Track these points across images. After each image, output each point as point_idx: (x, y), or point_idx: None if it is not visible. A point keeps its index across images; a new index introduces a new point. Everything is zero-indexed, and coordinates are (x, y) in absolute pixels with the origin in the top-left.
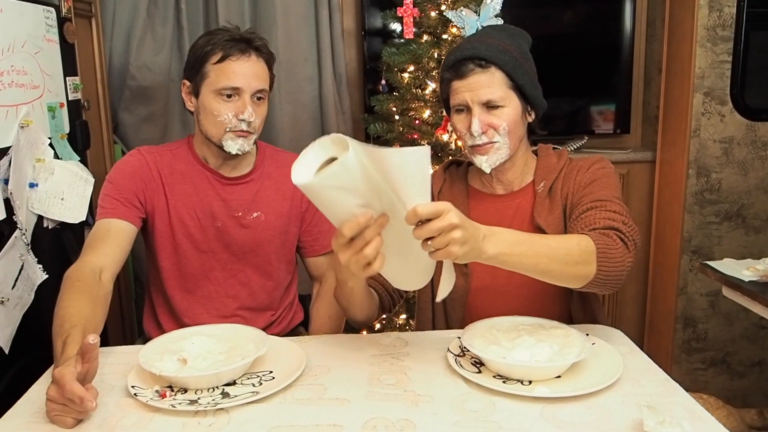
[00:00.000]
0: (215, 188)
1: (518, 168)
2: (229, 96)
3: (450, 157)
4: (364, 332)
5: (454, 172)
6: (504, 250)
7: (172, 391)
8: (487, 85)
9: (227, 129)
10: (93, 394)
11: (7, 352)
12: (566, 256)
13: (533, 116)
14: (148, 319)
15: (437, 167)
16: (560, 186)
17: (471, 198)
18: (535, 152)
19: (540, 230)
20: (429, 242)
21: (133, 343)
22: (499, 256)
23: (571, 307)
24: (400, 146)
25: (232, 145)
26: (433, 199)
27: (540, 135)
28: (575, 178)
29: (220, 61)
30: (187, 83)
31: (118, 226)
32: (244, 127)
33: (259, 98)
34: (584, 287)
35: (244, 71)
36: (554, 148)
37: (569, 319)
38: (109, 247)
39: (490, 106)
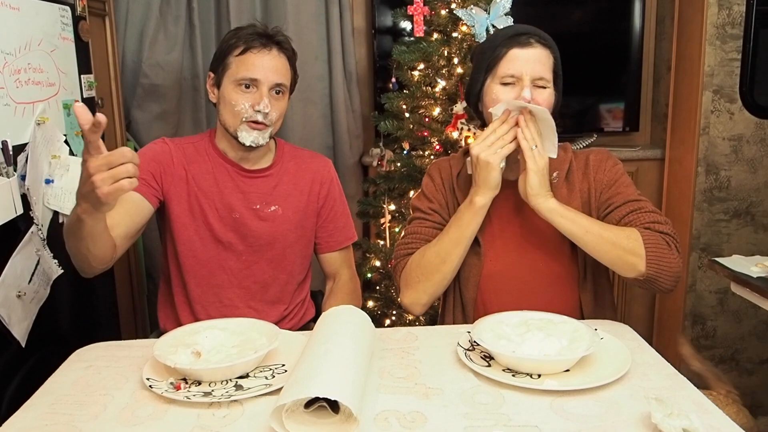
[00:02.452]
0: (234, 180)
1: None
2: (247, 87)
3: None
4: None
5: None
6: (562, 208)
7: (187, 383)
8: (542, 61)
9: (243, 119)
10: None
11: (23, 345)
12: (615, 238)
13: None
14: (163, 307)
15: (455, 153)
16: (577, 179)
17: None
18: None
19: None
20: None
21: (145, 338)
22: (556, 209)
23: (582, 297)
24: (410, 144)
25: (247, 137)
26: (452, 181)
27: None
28: (594, 176)
29: (242, 53)
30: (212, 75)
31: (129, 196)
32: (259, 118)
33: (277, 92)
34: (640, 284)
35: (263, 64)
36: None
37: (579, 309)
38: (116, 213)
39: (537, 85)
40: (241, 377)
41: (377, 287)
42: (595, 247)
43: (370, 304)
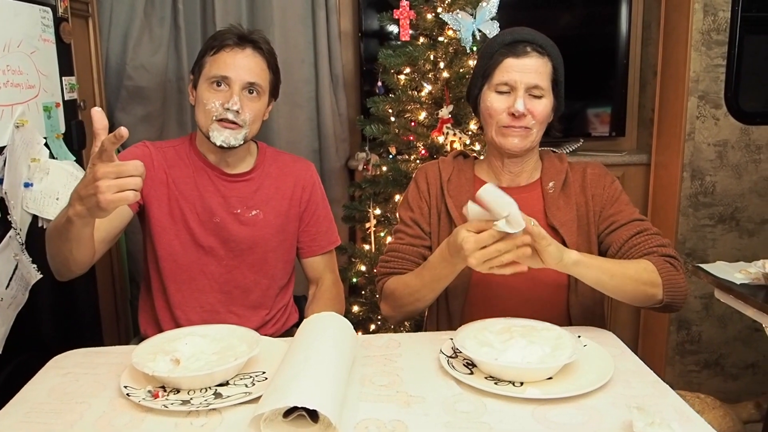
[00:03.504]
0: (215, 184)
1: (530, 163)
2: (218, 85)
3: None
4: (360, 333)
5: (462, 162)
6: (583, 259)
7: (165, 391)
8: (539, 71)
9: (213, 118)
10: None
11: (0, 351)
12: (636, 275)
13: (552, 118)
14: (144, 312)
15: (445, 157)
16: (573, 191)
17: (477, 188)
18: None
19: (554, 230)
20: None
21: (128, 344)
22: (580, 262)
23: (571, 306)
24: (396, 148)
25: (218, 136)
26: (441, 186)
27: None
28: (593, 191)
29: (216, 52)
30: (191, 77)
31: None
32: (230, 116)
33: (251, 92)
34: (655, 310)
35: (235, 62)
36: (552, 151)
37: (567, 317)
38: None
39: (532, 94)
40: (220, 385)
41: (362, 292)
42: (620, 289)
43: (355, 309)
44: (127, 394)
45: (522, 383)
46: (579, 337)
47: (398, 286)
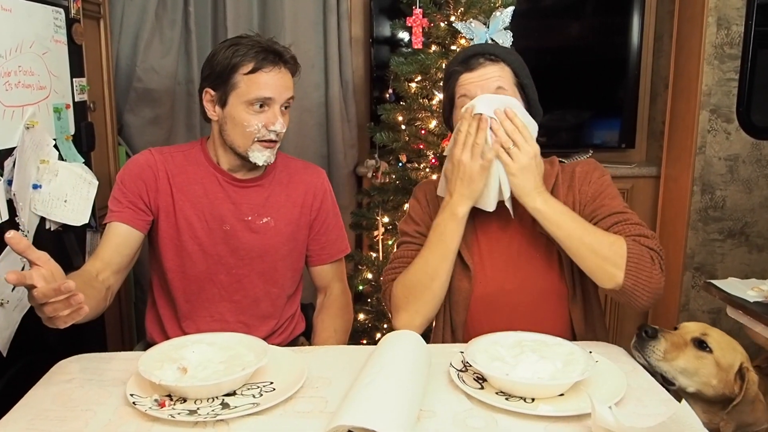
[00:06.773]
0: (226, 191)
1: None
2: (260, 107)
3: None
4: (365, 342)
5: None
6: (548, 210)
7: (171, 400)
8: (497, 75)
9: (255, 139)
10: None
11: (5, 354)
12: (597, 244)
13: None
14: (151, 321)
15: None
16: (561, 193)
17: None
18: None
19: (546, 238)
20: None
21: (132, 348)
22: (541, 210)
23: (572, 315)
24: (406, 156)
25: (259, 156)
26: (438, 202)
27: (544, 148)
28: (579, 188)
29: (252, 72)
30: (211, 92)
31: (117, 230)
32: (272, 137)
33: (285, 108)
34: (617, 296)
35: (275, 83)
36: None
37: (570, 327)
38: (106, 251)
39: None
40: (227, 395)
41: (369, 300)
42: (575, 253)
43: (361, 317)
44: (134, 403)
45: (533, 399)
46: (590, 352)
47: (407, 274)
